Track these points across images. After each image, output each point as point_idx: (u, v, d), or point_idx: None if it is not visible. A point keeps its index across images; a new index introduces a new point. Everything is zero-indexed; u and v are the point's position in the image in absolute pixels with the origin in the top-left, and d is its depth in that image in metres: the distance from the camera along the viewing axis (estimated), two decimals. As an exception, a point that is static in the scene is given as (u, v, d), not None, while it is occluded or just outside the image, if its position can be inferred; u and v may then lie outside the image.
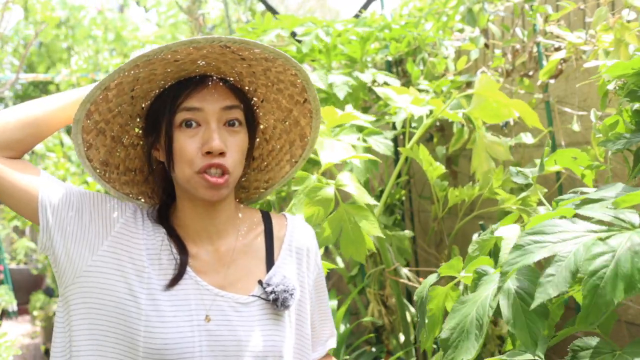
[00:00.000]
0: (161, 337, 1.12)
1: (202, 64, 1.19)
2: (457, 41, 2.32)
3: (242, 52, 1.17)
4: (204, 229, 1.24)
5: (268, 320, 1.20)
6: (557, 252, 0.87)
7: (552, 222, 0.93)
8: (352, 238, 1.58)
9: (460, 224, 2.01)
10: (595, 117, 1.41)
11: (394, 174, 2.00)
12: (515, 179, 1.43)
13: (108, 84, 1.13)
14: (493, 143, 1.90)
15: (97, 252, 1.17)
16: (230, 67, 1.21)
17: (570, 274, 0.84)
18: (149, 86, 1.19)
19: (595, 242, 0.86)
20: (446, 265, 1.21)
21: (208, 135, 1.15)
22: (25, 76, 8.90)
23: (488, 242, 1.27)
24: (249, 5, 4.09)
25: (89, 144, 1.21)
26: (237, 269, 1.23)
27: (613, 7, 1.81)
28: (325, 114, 1.88)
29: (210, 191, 1.17)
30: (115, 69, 1.11)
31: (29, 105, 1.20)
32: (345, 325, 2.51)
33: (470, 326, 1.00)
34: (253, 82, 1.26)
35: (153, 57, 1.11)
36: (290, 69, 1.21)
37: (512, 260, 0.91)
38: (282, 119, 1.32)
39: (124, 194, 1.29)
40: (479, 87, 1.82)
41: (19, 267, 8.93)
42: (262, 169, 1.38)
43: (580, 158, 1.34)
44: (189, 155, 1.15)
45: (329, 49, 2.31)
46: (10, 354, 3.82)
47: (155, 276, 1.17)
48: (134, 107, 1.23)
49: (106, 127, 1.22)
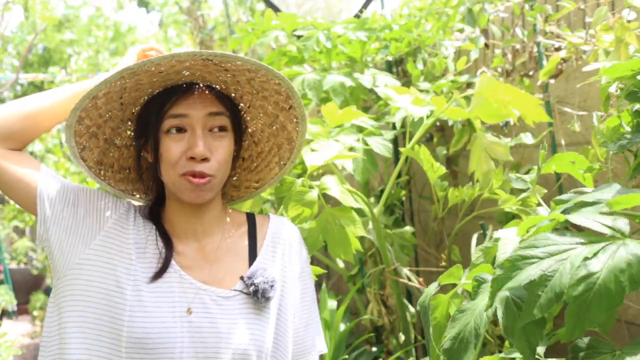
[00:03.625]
0: (143, 327, 1.15)
1: (187, 74, 1.22)
2: (457, 41, 2.32)
3: (224, 64, 1.20)
4: (191, 227, 1.27)
5: (250, 314, 1.22)
6: (544, 270, 0.88)
7: (544, 235, 0.94)
8: (339, 239, 1.62)
9: (460, 224, 2.02)
10: (597, 119, 1.41)
11: (394, 174, 2.00)
12: (515, 184, 1.43)
13: (96, 94, 1.17)
14: (493, 143, 1.90)
15: (89, 246, 1.21)
16: (215, 76, 1.24)
17: (555, 296, 0.86)
18: (137, 94, 1.24)
19: (581, 263, 0.87)
20: (446, 274, 1.21)
21: (193, 141, 1.19)
22: (25, 76, 8.90)
23: (492, 249, 1.26)
24: (249, 5, 4.09)
25: (83, 146, 1.26)
26: (221, 267, 1.26)
27: (613, 7, 1.81)
28: (326, 112, 1.88)
29: (194, 193, 1.20)
30: (102, 81, 1.15)
31: (29, 98, 1.25)
32: (345, 325, 2.51)
33: (469, 336, 1.02)
34: (238, 90, 1.29)
35: (137, 69, 1.15)
36: (273, 79, 1.25)
37: (500, 277, 0.92)
38: (269, 124, 1.35)
39: (119, 190, 1.34)
40: (479, 87, 1.81)
41: (19, 267, 8.93)
42: (252, 170, 1.41)
43: (578, 161, 1.33)
44: (173, 158, 1.19)
45: (329, 49, 2.31)
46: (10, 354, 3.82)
47: (141, 268, 1.21)
48: (124, 113, 1.28)
49: (98, 131, 1.27)
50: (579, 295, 0.84)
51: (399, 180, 2.42)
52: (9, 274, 7.97)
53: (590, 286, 0.84)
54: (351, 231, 1.63)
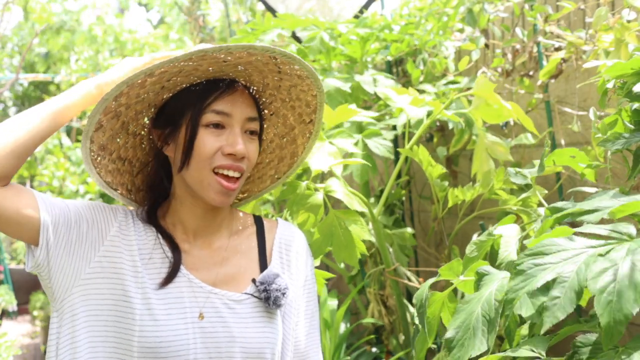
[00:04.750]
0: (155, 336, 1.13)
1: (241, 69, 1.21)
2: (457, 41, 2.32)
3: (283, 65, 1.20)
4: (201, 227, 1.26)
5: (261, 317, 1.21)
6: (559, 273, 0.87)
7: (551, 241, 0.93)
8: (344, 243, 1.60)
9: (460, 224, 2.02)
10: (595, 116, 1.41)
11: (394, 174, 2.00)
12: (514, 179, 1.43)
13: (153, 71, 1.12)
14: (493, 143, 1.90)
15: (93, 260, 1.17)
16: (262, 77, 1.24)
17: (575, 295, 0.84)
18: (184, 79, 1.20)
19: (595, 258, 0.85)
20: (446, 267, 1.20)
21: (233, 138, 1.18)
22: (25, 76, 8.90)
23: (486, 243, 1.27)
24: (249, 5, 4.09)
25: (100, 125, 1.20)
26: (230, 266, 1.25)
27: (613, 7, 1.81)
28: (324, 115, 1.88)
29: (222, 196, 1.19)
30: (169, 58, 1.11)
31: (14, 129, 1.13)
32: (346, 325, 2.51)
33: (476, 323, 0.99)
34: (273, 95, 1.29)
35: (210, 53, 1.12)
36: (313, 90, 1.25)
37: (515, 287, 0.90)
38: (282, 135, 1.35)
39: (105, 182, 1.29)
40: (477, 88, 1.82)
41: (19, 267, 8.93)
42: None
43: (579, 157, 1.34)
44: (210, 152, 1.17)
45: (329, 50, 2.31)
46: (10, 354, 3.82)
47: (148, 275, 1.18)
48: (157, 97, 1.23)
49: (124, 112, 1.21)
50: (604, 288, 0.82)
51: (399, 180, 2.42)
52: (9, 274, 7.97)
53: (613, 277, 0.82)
54: (356, 234, 1.61)
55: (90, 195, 5.04)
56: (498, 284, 1.01)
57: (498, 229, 1.25)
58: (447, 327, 1.05)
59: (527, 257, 0.92)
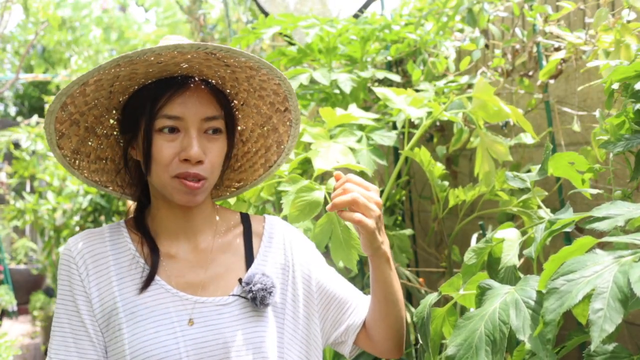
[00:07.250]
0: (142, 347, 1.14)
1: (185, 67, 1.18)
2: (457, 41, 2.32)
3: (227, 59, 1.17)
4: (181, 229, 1.25)
5: (250, 317, 1.21)
6: (595, 285, 0.83)
7: (577, 259, 0.89)
8: (343, 242, 1.58)
9: (460, 225, 2.01)
10: (601, 116, 1.41)
11: (394, 174, 2.00)
12: (512, 182, 1.42)
13: (86, 80, 1.13)
14: (494, 142, 1.90)
15: (96, 315, 1.19)
16: (214, 71, 1.21)
17: (620, 304, 0.80)
18: (129, 83, 1.20)
19: (631, 265, 0.82)
20: (447, 284, 1.18)
21: (187, 142, 1.16)
22: (25, 76, 8.90)
23: (485, 250, 1.25)
24: (249, 5, 4.09)
25: (62, 133, 1.21)
26: (217, 267, 1.25)
27: (613, 7, 1.81)
28: (325, 115, 1.88)
29: (186, 196, 1.18)
30: (95, 67, 1.10)
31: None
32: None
33: (479, 342, 0.96)
34: (235, 87, 1.26)
35: (135, 58, 1.11)
36: (274, 79, 1.22)
37: (551, 307, 0.86)
38: (261, 124, 1.33)
39: (93, 182, 1.30)
40: (476, 90, 1.82)
41: (19, 267, 8.93)
42: (235, 169, 1.39)
43: (578, 162, 1.32)
44: (166, 160, 1.16)
45: (329, 49, 2.31)
46: (10, 354, 3.82)
47: (132, 290, 1.19)
48: (111, 101, 1.23)
49: (80, 119, 1.22)
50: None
51: (399, 180, 2.41)
52: (9, 274, 7.97)
53: None
54: (356, 233, 1.60)
55: (91, 195, 5.03)
56: (501, 300, 0.98)
57: (499, 233, 1.24)
58: (448, 343, 1.03)
59: (559, 276, 0.88)
